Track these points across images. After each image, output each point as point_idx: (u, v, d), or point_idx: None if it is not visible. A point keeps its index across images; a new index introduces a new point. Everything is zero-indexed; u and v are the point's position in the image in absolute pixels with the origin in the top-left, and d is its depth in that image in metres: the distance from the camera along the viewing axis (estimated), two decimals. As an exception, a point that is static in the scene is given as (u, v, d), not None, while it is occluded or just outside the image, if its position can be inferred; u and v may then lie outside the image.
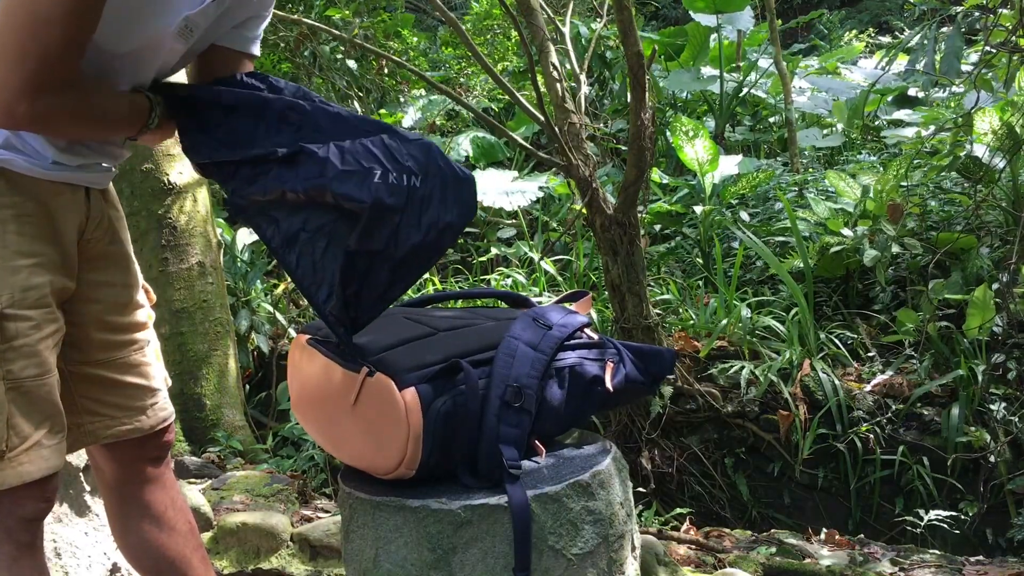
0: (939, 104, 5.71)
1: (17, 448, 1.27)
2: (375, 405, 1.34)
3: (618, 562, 1.42)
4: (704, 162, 4.51)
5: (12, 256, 1.27)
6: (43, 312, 1.30)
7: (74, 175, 1.34)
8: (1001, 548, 3.05)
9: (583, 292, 1.72)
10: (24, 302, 1.27)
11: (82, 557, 2.16)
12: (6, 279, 1.26)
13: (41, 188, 1.30)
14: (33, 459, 1.29)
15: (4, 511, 1.30)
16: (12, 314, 1.26)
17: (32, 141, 1.28)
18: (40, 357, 1.30)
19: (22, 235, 1.28)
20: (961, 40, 3.40)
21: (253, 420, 3.92)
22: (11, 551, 1.32)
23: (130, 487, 1.57)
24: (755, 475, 3.45)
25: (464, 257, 5.35)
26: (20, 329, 1.27)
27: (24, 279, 1.28)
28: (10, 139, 1.26)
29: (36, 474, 1.30)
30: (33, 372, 1.29)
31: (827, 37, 9.94)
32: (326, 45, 5.23)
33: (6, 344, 1.26)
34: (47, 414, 1.32)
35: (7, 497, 1.29)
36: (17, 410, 1.27)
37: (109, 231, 1.47)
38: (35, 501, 1.33)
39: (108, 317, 1.47)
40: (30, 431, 1.29)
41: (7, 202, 1.27)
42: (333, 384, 1.40)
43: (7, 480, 1.27)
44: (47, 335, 1.31)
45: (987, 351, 3.32)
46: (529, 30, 3.49)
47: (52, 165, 1.30)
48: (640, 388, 1.59)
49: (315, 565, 2.47)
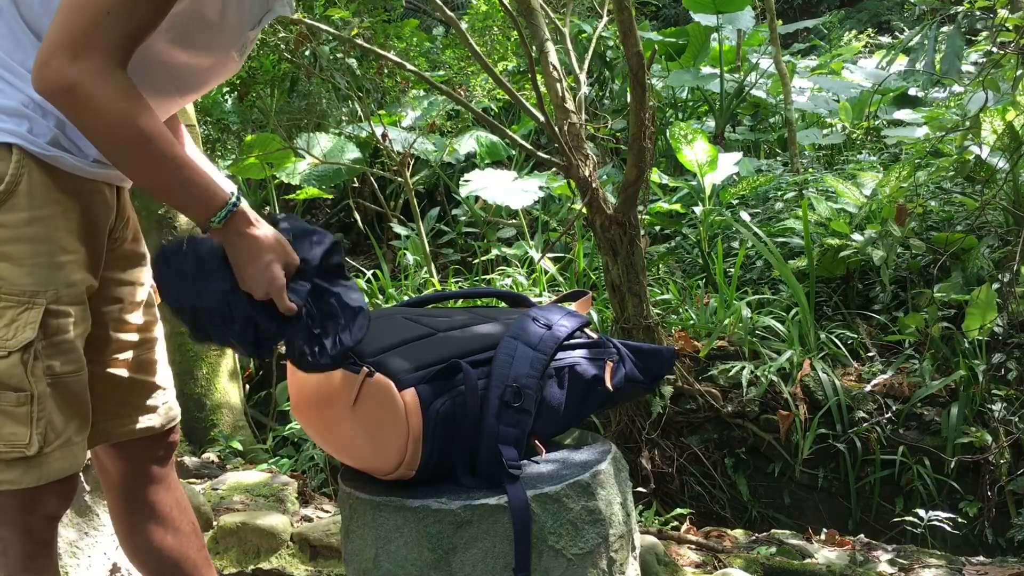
0: (939, 104, 5.71)
1: (53, 444, 1.28)
2: (374, 406, 1.34)
3: (618, 562, 1.42)
4: (703, 163, 4.52)
5: (58, 252, 1.28)
6: (80, 308, 1.32)
7: (111, 173, 1.35)
8: (1001, 548, 3.05)
9: (583, 291, 1.72)
10: (67, 298, 1.29)
11: (82, 557, 2.16)
12: (52, 275, 1.27)
13: (82, 186, 1.32)
14: (65, 455, 1.30)
15: (27, 509, 1.30)
16: (56, 310, 1.27)
17: (77, 139, 1.29)
18: (77, 353, 1.31)
19: (67, 232, 1.29)
20: (962, 40, 3.40)
21: (253, 420, 3.92)
22: (30, 549, 1.32)
23: (136, 487, 1.57)
24: (755, 475, 3.45)
25: (464, 257, 5.35)
26: (62, 325, 1.28)
27: (67, 275, 1.29)
28: (57, 137, 1.27)
29: (67, 471, 1.31)
30: (71, 368, 1.30)
31: (827, 37, 9.94)
32: (326, 45, 5.23)
33: (48, 340, 1.27)
34: (79, 410, 1.33)
35: (32, 495, 1.29)
36: (54, 406, 1.28)
37: (132, 229, 1.49)
38: (58, 498, 1.33)
39: (126, 316, 1.48)
40: (63, 427, 1.30)
41: (54, 199, 1.28)
42: (332, 385, 1.40)
43: (45, 476, 1.27)
44: (83, 332, 1.33)
45: (987, 351, 3.32)
46: (529, 30, 3.49)
47: (93, 163, 1.31)
48: (640, 387, 1.59)
49: (315, 565, 2.47)
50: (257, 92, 5.77)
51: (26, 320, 1.24)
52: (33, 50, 1.24)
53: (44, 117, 1.26)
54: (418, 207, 4.77)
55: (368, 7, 4.97)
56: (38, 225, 1.25)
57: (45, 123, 1.26)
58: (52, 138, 1.27)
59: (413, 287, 4.50)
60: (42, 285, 1.25)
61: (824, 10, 11.75)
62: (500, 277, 4.43)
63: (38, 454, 1.26)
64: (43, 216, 1.26)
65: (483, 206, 5.44)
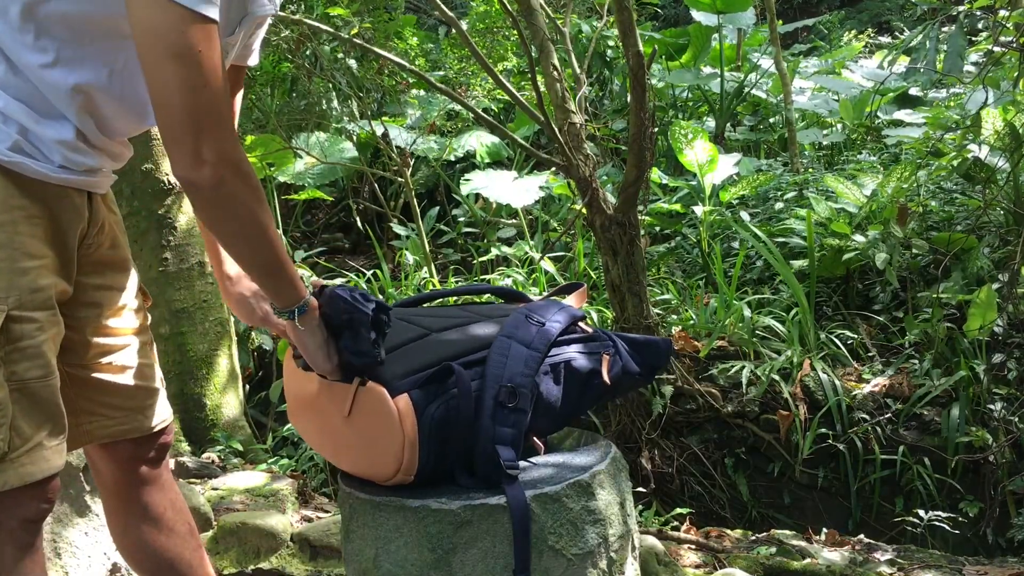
0: (939, 104, 5.71)
1: (19, 449, 1.27)
2: (369, 414, 1.34)
3: (618, 562, 1.42)
4: (703, 163, 4.52)
5: (21, 257, 1.27)
6: (48, 314, 1.30)
7: (79, 179, 1.34)
8: (1001, 548, 3.05)
9: (577, 284, 1.71)
10: (31, 304, 1.28)
11: (82, 557, 2.16)
12: (15, 280, 1.26)
13: (48, 191, 1.31)
14: (35, 460, 1.29)
15: (6, 512, 1.30)
16: (19, 316, 1.26)
17: (40, 145, 1.29)
18: (44, 359, 1.30)
19: (31, 237, 1.28)
20: (964, 39, 3.40)
21: (253, 420, 3.92)
22: (13, 553, 1.32)
23: (128, 489, 1.57)
24: (755, 475, 3.45)
25: (464, 257, 5.35)
26: (26, 331, 1.27)
27: (31, 280, 1.28)
28: (19, 142, 1.27)
29: (38, 475, 1.30)
30: (37, 374, 1.29)
31: (827, 37, 9.94)
32: (326, 45, 5.23)
33: (11, 346, 1.26)
34: (49, 415, 1.32)
35: (9, 498, 1.29)
36: (20, 411, 1.27)
37: (109, 235, 1.47)
38: (37, 502, 1.33)
39: (105, 321, 1.47)
40: (32, 432, 1.29)
41: (17, 204, 1.27)
42: (326, 395, 1.40)
43: (9, 481, 1.27)
44: (50, 337, 1.31)
45: (987, 351, 3.32)
46: (529, 30, 3.49)
47: (59, 169, 1.31)
48: (637, 379, 1.58)
49: (315, 565, 2.47)
50: (257, 92, 5.77)
51: None
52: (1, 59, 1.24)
53: (4, 123, 1.26)
54: (418, 207, 4.77)
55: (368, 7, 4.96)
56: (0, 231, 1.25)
57: (6, 129, 1.25)
58: (13, 143, 1.26)
59: (413, 287, 4.50)
60: (3, 291, 1.24)
61: (824, 10, 11.74)
62: (500, 277, 4.43)
63: (2, 459, 1.25)
64: (4, 222, 1.25)
65: (483, 206, 5.44)
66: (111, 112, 1.34)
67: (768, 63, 6.20)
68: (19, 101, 1.27)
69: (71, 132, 1.31)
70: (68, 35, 1.27)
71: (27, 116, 1.27)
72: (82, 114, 1.31)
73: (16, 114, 1.26)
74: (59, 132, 1.30)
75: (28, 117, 1.27)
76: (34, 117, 1.27)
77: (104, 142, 1.37)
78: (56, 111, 1.29)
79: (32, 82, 1.27)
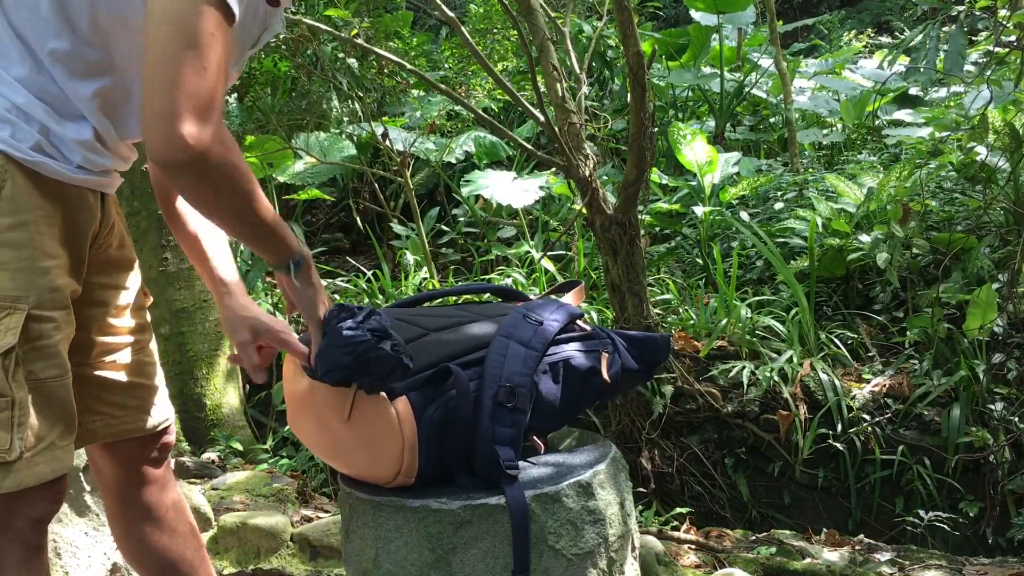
0: (939, 104, 5.70)
1: (34, 448, 1.28)
2: (368, 418, 1.34)
3: (618, 562, 1.42)
4: (703, 163, 4.51)
5: (41, 257, 1.28)
6: (63, 313, 1.32)
7: (96, 179, 1.36)
8: (1001, 548, 3.05)
9: (575, 282, 1.70)
10: (49, 303, 1.29)
11: (82, 557, 2.16)
12: (35, 280, 1.27)
13: (66, 192, 1.32)
14: (48, 459, 1.30)
15: (15, 513, 1.30)
16: (38, 315, 1.27)
17: (61, 145, 1.29)
18: (60, 358, 1.31)
19: (49, 237, 1.29)
20: (964, 39, 3.40)
21: (253, 420, 3.92)
22: (21, 553, 1.32)
23: (130, 489, 1.57)
24: (755, 475, 3.45)
25: (464, 257, 5.35)
26: (44, 330, 1.28)
27: (50, 280, 1.29)
28: (41, 142, 1.28)
29: (50, 475, 1.30)
30: (53, 373, 1.30)
31: (827, 37, 9.94)
32: (327, 45, 5.23)
33: (29, 345, 1.27)
34: (62, 414, 1.32)
35: (20, 499, 1.29)
36: (36, 410, 1.28)
37: (118, 235, 1.49)
38: (46, 502, 1.33)
39: (110, 319, 1.48)
40: (45, 431, 1.29)
41: (37, 204, 1.28)
42: (325, 399, 1.40)
43: (24, 481, 1.27)
44: (65, 336, 1.32)
45: (987, 351, 3.32)
46: (529, 30, 3.49)
47: (77, 169, 1.32)
48: (636, 376, 1.58)
49: (315, 565, 2.47)
50: (257, 92, 5.77)
51: (7, 325, 1.24)
52: (18, 57, 1.25)
53: (27, 123, 1.26)
54: (418, 207, 4.77)
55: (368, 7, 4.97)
56: (21, 230, 1.25)
57: (28, 128, 1.26)
58: (35, 143, 1.27)
59: (413, 287, 4.50)
60: (24, 290, 1.25)
61: (824, 10, 11.74)
62: (500, 277, 4.43)
63: (18, 459, 1.26)
64: (26, 221, 1.26)
65: (483, 206, 5.44)
66: (127, 112, 1.35)
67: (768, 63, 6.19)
68: (41, 101, 1.27)
69: (90, 132, 1.32)
70: (96, 36, 1.28)
71: (49, 116, 1.28)
72: (100, 115, 1.32)
73: (38, 113, 1.27)
74: (79, 132, 1.31)
75: (50, 117, 1.28)
76: (55, 117, 1.28)
77: (117, 143, 1.38)
78: (76, 111, 1.30)
79: (56, 81, 1.28)
